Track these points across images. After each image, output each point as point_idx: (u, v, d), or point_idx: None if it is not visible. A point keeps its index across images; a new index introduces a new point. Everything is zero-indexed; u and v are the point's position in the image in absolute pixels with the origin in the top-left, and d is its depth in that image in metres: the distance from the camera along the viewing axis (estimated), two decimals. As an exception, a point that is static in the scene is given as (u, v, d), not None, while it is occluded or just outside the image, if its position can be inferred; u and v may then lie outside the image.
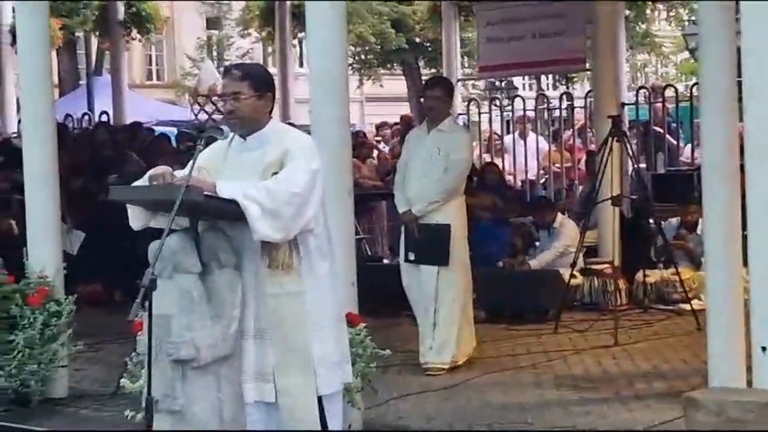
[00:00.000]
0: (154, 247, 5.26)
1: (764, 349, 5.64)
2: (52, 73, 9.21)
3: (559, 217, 12.15)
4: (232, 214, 5.26)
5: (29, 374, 8.07)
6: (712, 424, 5.59)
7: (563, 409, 7.72)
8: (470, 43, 25.78)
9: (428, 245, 8.81)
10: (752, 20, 5.69)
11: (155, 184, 5.40)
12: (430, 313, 8.91)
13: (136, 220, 5.60)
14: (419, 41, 31.10)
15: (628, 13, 22.41)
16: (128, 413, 6.55)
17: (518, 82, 35.11)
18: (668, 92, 15.21)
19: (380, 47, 31.64)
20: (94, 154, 13.63)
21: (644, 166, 14.15)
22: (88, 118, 16.89)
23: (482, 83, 33.86)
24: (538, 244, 12.41)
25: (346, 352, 5.71)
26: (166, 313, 5.28)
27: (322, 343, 5.47)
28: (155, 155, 12.41)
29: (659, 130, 14.91)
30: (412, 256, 8.88)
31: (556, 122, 18.49)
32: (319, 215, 5.50)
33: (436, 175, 8.88)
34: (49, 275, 8.34)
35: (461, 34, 19.43)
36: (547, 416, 7.50)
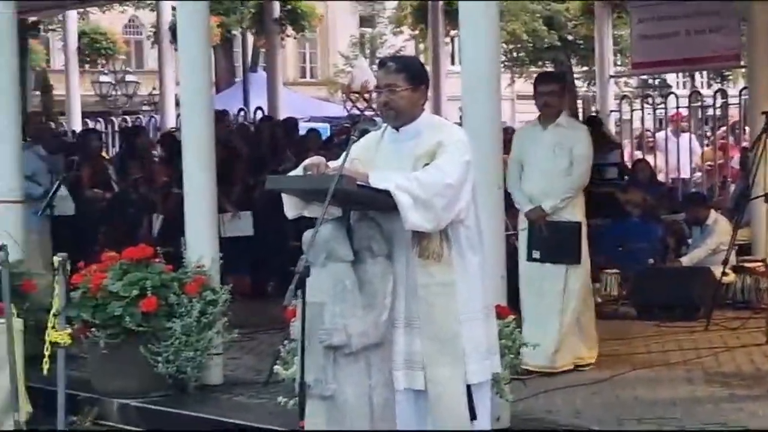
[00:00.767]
0: (308, 235, 5.38)
1: None
2: (211, 69, 9.40)
3: (712, 214, 11.98)
4: (383, 204, 5.33)
5: (186, 361, 8.28)
6: None
7: (714, 405, 7.64)
8: (623, 41, 25.55)
9: (559, 243, 8.63)
10: None
11: (309, 173, 5.52)
12: (555, 312, 8.70)
13: (290, 208, 5.73)
14: (571, 39, 30.89)
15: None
16: (281, 399, 6.71)
17: (671, 79, 34.60)
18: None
19: (532, 45, 31.52)
20: (253, 147, 13.91)
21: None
22: (243, 113, 17.21)
23: (635, 81, 33.52)
24: (690, 241, 12.27)
25: (495, 343, 5.75)
26: (319, 300, 5.40)
27: (471, 333, 5.52)
28: (305, 150, 12.60)
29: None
30: (537, 254, 8.67)
31: (709, 120, 18.22)
32: (470, 207, 5.54)
33: (559, 171, 8.71)
34: (205, 265, 8.56)
35: (614, 32, 19.24)
36: (697, 412, 7.42)
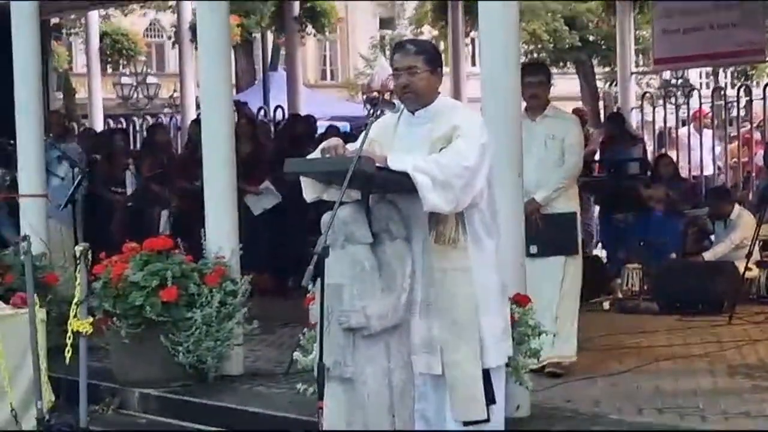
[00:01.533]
0: (326, 218, 5.37)
1: None
2: (230, 66, 9.42)
3: (736, 208, 11.92)
4: (402, 185, 5.33)
5: (206, 350, 8.28)
6: None
7: (737, 396, 7.58)
8: (644, 41, 25.45)
9: (556, 235, 8.44)
10: None
11: (328, 156, 5.52)
12: (553, 305, 8.38)
13: (309, 192, 5.74)
14: (593, 39, 30.82)
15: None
16: (300, 387, 6.71)
17: (694, 79, 34.49)
18: None
19: (553, 45, 31.45)
20: (274, 143, 13.93)
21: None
22: (263, 111, 17.23)
23: (657, 82, 33.39)
24: (713, 237, 12.21)
25: (508, 327, 5.78)
26: (338, 282, 5.40)
27: (488, 317, 5.54)
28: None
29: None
30: (534, 249, 8.29)
31: (733, 121, 18.13)
32: (484, 191, 5.55)
33: (552, 162, 8.56)
34: (225, 256, 8.57)
35: (635, 32, 19.17)
36: (719, 402, 7.36)
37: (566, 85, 35.21)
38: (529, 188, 8.33)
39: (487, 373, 5.53)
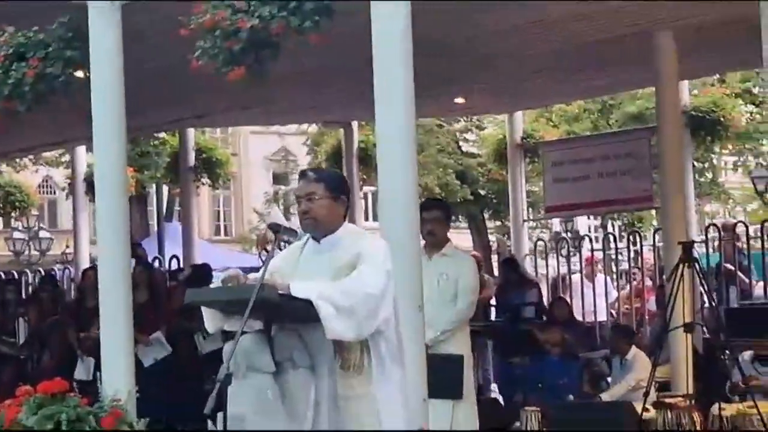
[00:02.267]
0: (228, 347, 5.31)
1: None
2: (128, 213, 9.41)
3: (632, 349, 12.03)
4: (305, 314, 5.30)
5: (102, 498, 8.03)
6: None
7: None
8: (534, 195, 25.92)
9: (442, 377, 7.93)
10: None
11: (230, 285, 5.48)
12: None
13: (211, 322, 5.67)
14: (484, 194, 31.26)
15: (695, 164, 22.53)
16: None
17: (584, 232, 35.06)
18: (739, 229, 15.17)
19: (445, 199, 31.80)
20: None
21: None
22: (158, 261, 17.11)
23: (547, 235, 33.88)
24: (609, 380, 12.28)
25: None
26: (240, 412, 5.30)
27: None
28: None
29: (730, 267, 14.81)
30: None
31: (623, 272, 18.42)
32: (391, 318, 5.53)
33: (444, 302, 8.43)
34: (122, 399, 8.38)
35: (526, 186, 19.49)
36: None
37: (458, 238, 35.57)
38: None
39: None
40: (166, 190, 23.99)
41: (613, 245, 16.66)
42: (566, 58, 12.47)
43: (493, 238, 34.34)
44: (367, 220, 28.16)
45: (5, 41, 9.19)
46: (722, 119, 15.89)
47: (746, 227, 15.62)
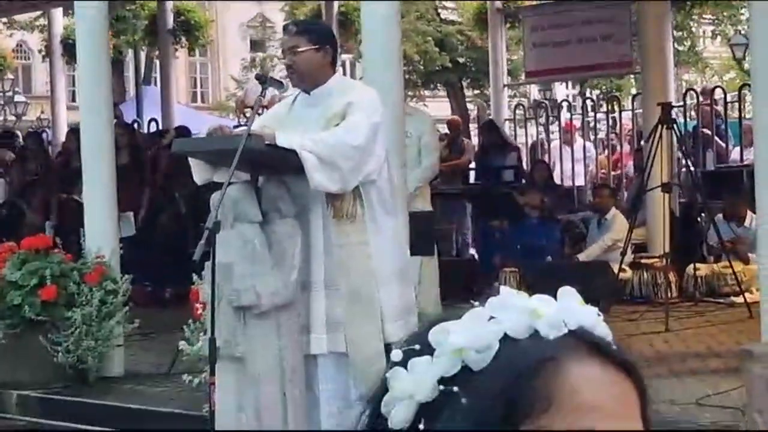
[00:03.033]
0: (216, 196, 5.34)
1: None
2: (110, 74, 9.39)
3: (612, 210, 12.16)
4: (291, 164, 5.33)
5: (86, 350, 8.17)
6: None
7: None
8: (514, 63, 25.82)
9: (415, 234, 7.53)
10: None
11: (217, 135, 5.51)
12: None
13: (199, 174, 5.70)
14: (463, 61, 31.14)
15: (674, 33, 22.41)
16: (186, 377, 6.65)
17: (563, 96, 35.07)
18: (717, 94, 15.21)
19: (424, 67, 31.71)
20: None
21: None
22: (137, 124, 17.04)
23: (526, 102, 33.86)
24: (587, 240, 12.43)
25: (411, 305, 5.76)
26: (228, 261, 5.37)
27: (386, 293, 5.53)
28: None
29: (707, 131, 14.89)
30: None
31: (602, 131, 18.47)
32: (383, 168, 5.56)
33: (410, 160, 8.20)
34: (105, 255, 8.47)
35: (506, 55, 19.39)
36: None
37: (437, 106, 35.53)
38: None
39: (387, 348, 5.52)
40: (144, 54, 23.82)
41: (592, 113, 16.70)
42: None
43: (472, 105, 34.30)
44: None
45: None
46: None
47: (724, 93, 15.66)
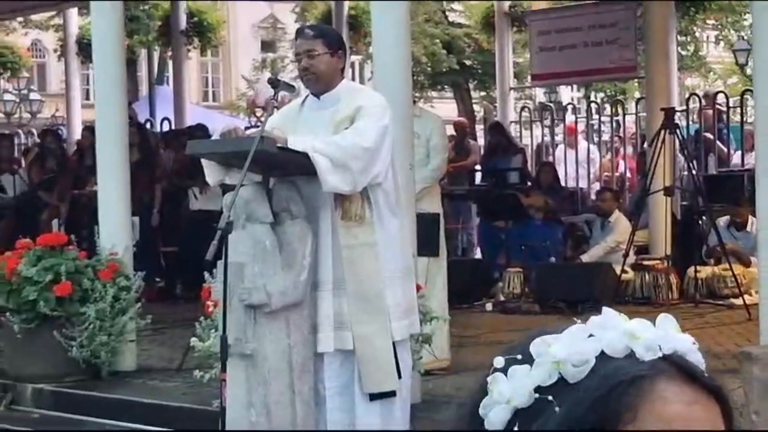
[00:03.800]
0: (228, 197, 5.54)
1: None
2: (124, 71, 9.57)
3: (616, 212, 12.36)
4: (303, 167, 5.50)
5: (100, 345, 8.37)
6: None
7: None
8: (520, 66, 26.00)
9: (420, 235, 7.69)
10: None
11: (230, 137, 5.70)
12: None
13: (211, 175, 5.89)
14: (470, 64, 31.29)
15: (678, 38, 22.56)
16: (197, 373, 6.84)
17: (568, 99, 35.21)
18: (719, 99, 15.39)
19: (431, 68, 31.87)
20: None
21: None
22: (150, 123, 17.24)
23: (532, 105, 34.02)
24: (590, 241, 12.63)
25: (413, 304, 5.95)
26: (239, 260, 5.56)
27: (392, 292, 5.70)
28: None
29: (710, 136, 15.07)
30: None
31: (605, 134, 18.64)
32: (388, 171, 5.74)
33: (417, 161, 8.20)
34: (119, 252, 8.68)
35: (512, 57, 19.55)
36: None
37: (444, 107, 35.68)
38: None
39: (393, 346, 5.69)
40: (157, 54, 23.99)
41: (596, 115, 16.89)
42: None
43: (478, 107, 34.46)
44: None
45: None
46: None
47: (726, 97, 15.85)
